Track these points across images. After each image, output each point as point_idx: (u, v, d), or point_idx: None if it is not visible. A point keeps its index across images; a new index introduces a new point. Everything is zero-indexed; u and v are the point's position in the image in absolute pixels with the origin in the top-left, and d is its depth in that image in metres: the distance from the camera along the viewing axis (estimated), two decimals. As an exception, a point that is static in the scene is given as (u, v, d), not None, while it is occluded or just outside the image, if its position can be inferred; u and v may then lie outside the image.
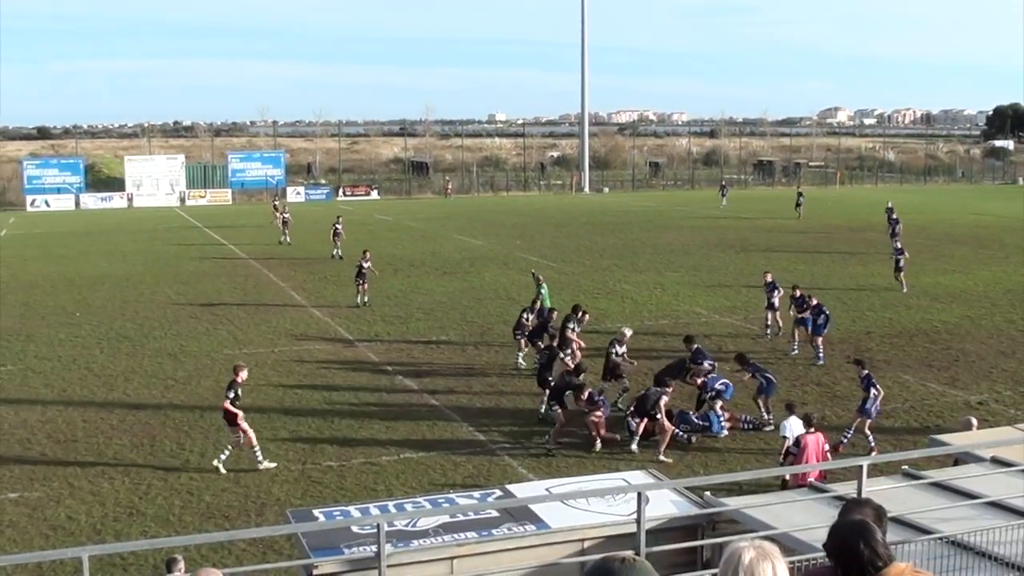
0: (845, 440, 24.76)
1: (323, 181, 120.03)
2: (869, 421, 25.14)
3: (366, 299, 43.60)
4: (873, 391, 25.21)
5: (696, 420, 26.29)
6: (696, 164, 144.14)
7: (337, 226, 59.29)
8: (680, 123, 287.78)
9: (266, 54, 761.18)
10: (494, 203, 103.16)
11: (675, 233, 71.01)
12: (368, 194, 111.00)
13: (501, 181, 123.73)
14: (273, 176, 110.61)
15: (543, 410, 27.31)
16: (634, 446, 25.12)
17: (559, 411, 25.80)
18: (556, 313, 33.10)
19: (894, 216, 63.39)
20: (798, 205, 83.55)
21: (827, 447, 20.96)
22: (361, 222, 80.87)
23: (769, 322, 37.30)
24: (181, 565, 15.28)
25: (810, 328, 33.92)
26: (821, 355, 33.42)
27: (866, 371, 25.87)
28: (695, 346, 28.31)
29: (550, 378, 27.28)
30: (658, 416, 24.98)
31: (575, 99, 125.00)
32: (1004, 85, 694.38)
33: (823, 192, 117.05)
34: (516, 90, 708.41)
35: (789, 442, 21.38)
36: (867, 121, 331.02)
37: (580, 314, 31.68)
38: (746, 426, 26.69)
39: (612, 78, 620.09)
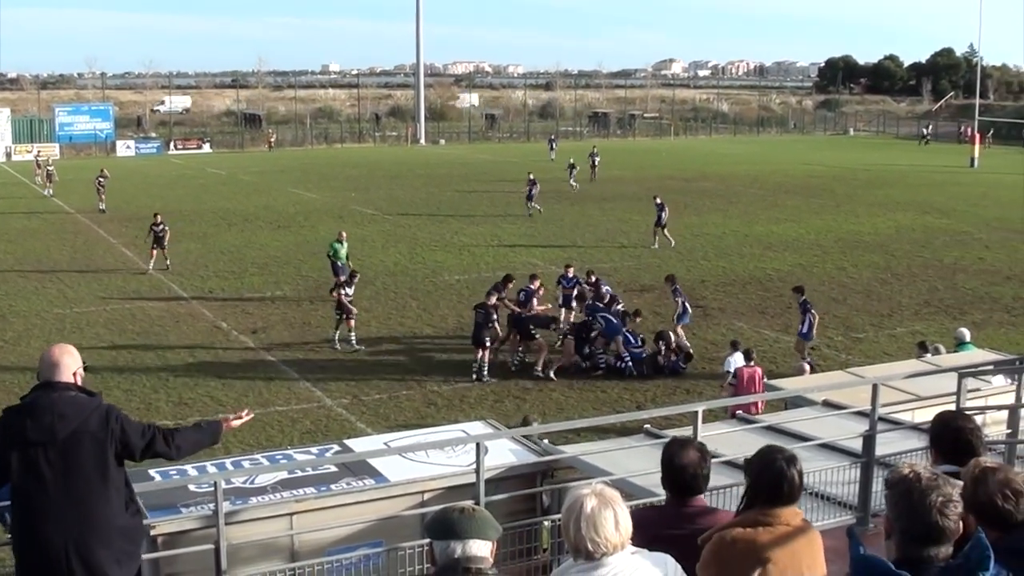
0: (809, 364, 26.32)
1: (153, 135, 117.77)
2: (808, 344, 27.21)
3: (167, 263, 41.06)
4: (809, 316, 27.19)
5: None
6: (532, 116, 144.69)
7: (100, 179, 58.17)
8: (516, 75, 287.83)
9: (93, 3, 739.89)
10: (328, 155, 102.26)
11: (511, 185, 71.15)
12: (200, 147, 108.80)
13: (335, 133, 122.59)
14: (102, 130, 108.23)
15: (478, 367, 27.40)
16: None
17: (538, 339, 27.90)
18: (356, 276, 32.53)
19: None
20: (593, 166, 74.84)
21: (764, 380, 22.24)
22: (193, 176, 79.73)
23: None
24: None
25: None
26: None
27: (803, 297, 27.83)
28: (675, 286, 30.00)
29: (486, 337, 27.27)
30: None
31: (410, 49, 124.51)
32: (836, 37, 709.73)
33: (657, 143, 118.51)
34: (350, 40, 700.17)
35: (732, 377, 23.49)
36: (701, 73, 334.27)
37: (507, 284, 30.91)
38: (621, 364, 27.65)
39: (447, 28, 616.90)
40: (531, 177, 57.84)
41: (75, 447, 7.52)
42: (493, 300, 27.64)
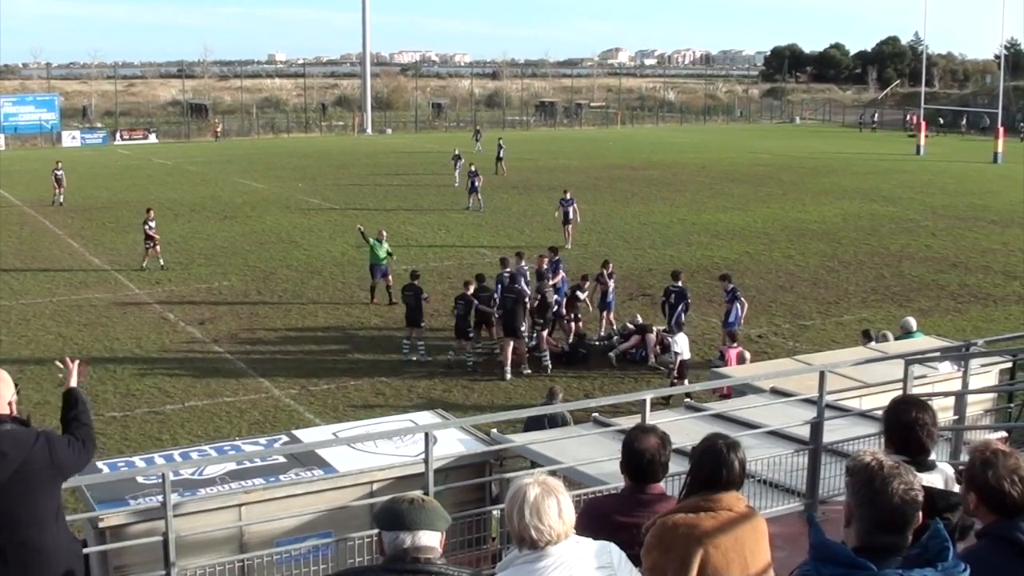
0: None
1: (99, 125, 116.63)
2: (733, 333, 26.97)
3: (161, 262, 39.78)
4: (737, 304, 27.51)
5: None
6: (479, 106, 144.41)
7: (57, 172, 57.30)
8: (462, 64, 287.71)
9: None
10: (275, 145, 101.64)
11: (459, 174, 70.98)
12: (146, 138, 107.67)
13: (282, 123, 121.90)
14: (47, 120, 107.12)
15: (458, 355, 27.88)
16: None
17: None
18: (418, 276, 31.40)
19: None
20: (499, 159, 72.10)
21: (748, 359, 23.29)
22: (139, 167, 79.04)
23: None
24: None
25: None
26: None
27: (731, 285, 28.09)
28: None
29: (469, 329, 27.52)
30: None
31: (356, 38, 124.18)
32: (782, 26, 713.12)
33: (604, 132, 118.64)
34: (296, 29, 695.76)
35: (682, 356, 24.86)
36: (648, 62, 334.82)
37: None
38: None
39: (394, 17, 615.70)
40: (473, 168, 55.90)
41: (21, 485, 6.91)
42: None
